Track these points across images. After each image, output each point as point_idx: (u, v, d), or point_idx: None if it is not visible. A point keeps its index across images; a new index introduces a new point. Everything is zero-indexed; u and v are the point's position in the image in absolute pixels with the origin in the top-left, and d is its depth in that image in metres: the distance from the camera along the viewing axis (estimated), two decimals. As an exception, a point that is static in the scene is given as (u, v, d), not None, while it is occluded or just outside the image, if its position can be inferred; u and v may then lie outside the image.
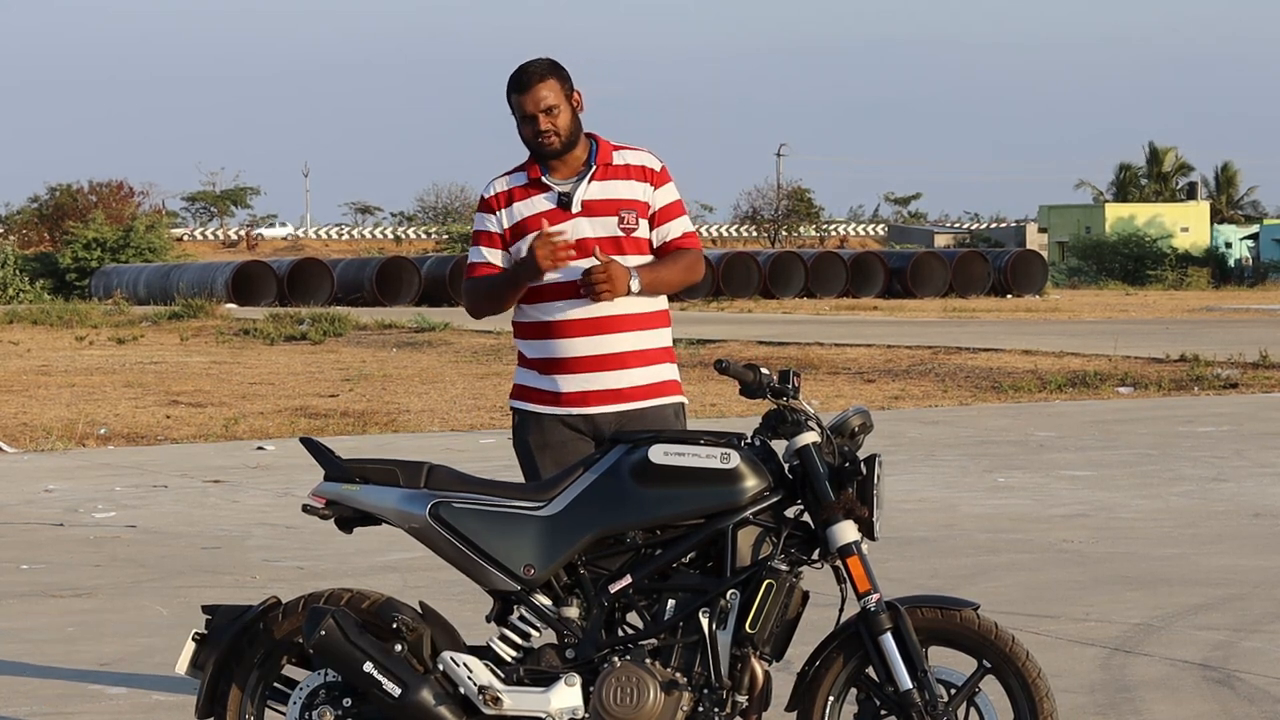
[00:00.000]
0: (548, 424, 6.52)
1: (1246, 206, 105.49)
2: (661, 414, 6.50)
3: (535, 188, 6.51)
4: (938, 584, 10.05)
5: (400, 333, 36.51)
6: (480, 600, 6.30)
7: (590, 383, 6.46)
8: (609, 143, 6.58)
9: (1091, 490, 14.07)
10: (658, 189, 6.55)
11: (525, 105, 6.43)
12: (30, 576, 10.85)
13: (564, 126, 6.44)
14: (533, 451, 6.56)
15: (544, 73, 6.45)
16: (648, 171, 6.54)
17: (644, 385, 6.50)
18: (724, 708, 5.71)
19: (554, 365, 6.48)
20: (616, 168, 6.53)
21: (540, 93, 6.42)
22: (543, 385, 6.52)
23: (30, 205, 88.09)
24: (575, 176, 6.51)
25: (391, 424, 20.00)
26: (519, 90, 6.44)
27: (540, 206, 6.48)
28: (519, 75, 6.46)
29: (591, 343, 6.43)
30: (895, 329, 36.29)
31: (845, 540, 5.73)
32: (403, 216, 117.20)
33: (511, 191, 6.53)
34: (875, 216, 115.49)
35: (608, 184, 6.50)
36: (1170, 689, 7.86)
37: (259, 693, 5.97)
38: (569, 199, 6.47)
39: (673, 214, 6.58)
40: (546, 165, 6.51)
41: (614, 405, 6.46)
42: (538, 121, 6.42)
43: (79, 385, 25.14)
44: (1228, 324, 38.77)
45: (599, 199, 6.48)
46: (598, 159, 6.51)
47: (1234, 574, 10.50)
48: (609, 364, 6.45)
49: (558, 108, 6.43)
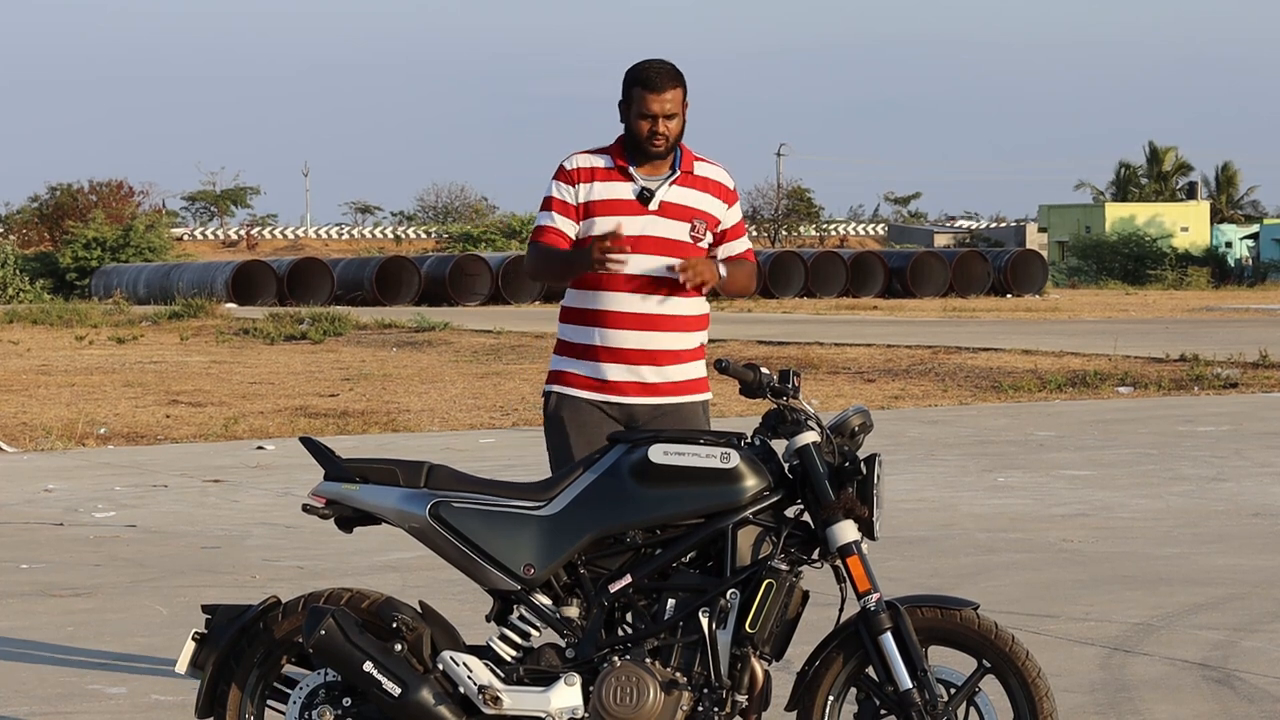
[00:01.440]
0: (584, 407, 6.73)
1: (1246, 206, 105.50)
2: (692, 410, 6.78)
3: (619, 175, 6.71)
4: (938, 584, 10.05)
5: (400, 332, 36.51)
6: (480, 600, 6.30)
7: (633, 374, 6.70)
8: (691, 152, 6.80)
9: (1091, 490, 14.08)
10: (730, 207, 6.84)
11: (651, 104, 6.61)
12: (30, 576, 10.85)
13: (675, 133, 6.68)
14: (567, 431, 6.72)
15: (676, 79, 6.67)
16: (724, 189, 6.81)
17: (680, 381, 6.77)
18: (724, 707, 5.72)
19: (601, 353, 6.71)
20: (696, 178, 6.76)
21: (668, 97, 6.63)
22: (584, 371, 6.73)
23: (30, 205, 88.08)
24: (658, 175, 6.71)
25: (391, 424, 20.00)
26: (649, 88, 6.62)
27: (621, 193, 6.69)
28: (652, 74, 6.64)
29: (640, 337, 6.68)
30: (895, 329, 36.30)
31: (845, 540, 5.73)
32: (403, 216, 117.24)
33: (595, 170, 6.72)
34: (875, 216, 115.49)
35: (687, 191, 6.73)
36: (1170, 689, 7.86)
37: (259, 692, 5.97)
38: (650, 195, 6.68)
39: (740, 232, 6.89)
40: (637, 158, 6.70)
41: (651, 398, 6.71)
42: (657, 123, 6.62)
43: (79, 385, 25.14)
44: (1228, 324, 38.78)
45: (677, 203, 6.70)
46: (682, 165, 6.74)
47: (1234, 574, 10.50)
48: (653, 359, 6.70)
49: (677, 115, 6.66)
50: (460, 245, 77.71)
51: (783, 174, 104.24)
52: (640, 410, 6.70)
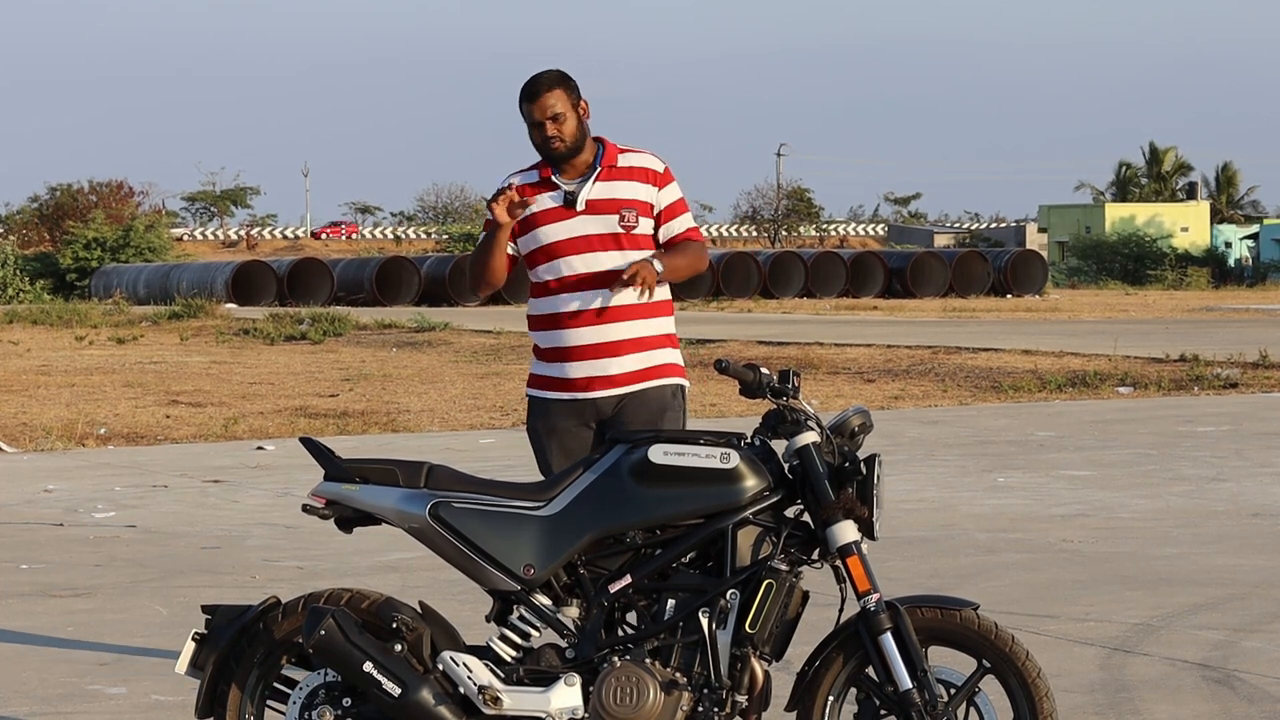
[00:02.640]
0: (554, 409, 6.91)
1: (1246, 206, 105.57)
2: (659, 395, 6.87)
3: (544, 186, 6.92)
4: (938, 584, 10.05)
5: (400, 332, 36.51)
6: (480, 600, 6.30)
7: (594, 369, 6.85)
8: (615, 146, 6.97)
9: (1091, 490, 14.07)
10: (662, 189, 6.96)
11: (534, 113, 6.86)
12: (30, 576, 10.85)
13: (569, 133, 6.85)
14: (541, 436, 6.94)
15: (552, 83, 6.87)
16: (651, 173, 6.95)
17: (642, 369, 6.87)
18: (724, 707, 5.71)
19: (561, 354, 6.89)
20: (620, 169, 6.93)
21: (548, 101, 6.85)
22: (551, 373, 6.93)
23: (30, 205, 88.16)
24: (581, 177, 6.91)
25: (391, 424, 20.00)
26: (528, 99, 6.87)
27: (548, 203, 6.90)
28: (529, 85, 6.88)
29: (595, 332, 6.84)
30: (895, 329, 36.30)
31: (845, 540, 5.73)
32: (403, 216, 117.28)
33: (524, 188, 6.90)
34: (875, 216, 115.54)
35: (611, 184, 6.90)
36: (1170, 689, 7.86)
37: (259, 692, 5.97)
38: (574, 198, 6.88)
39: (677, 211, 6.98)
40: (557, 166, 6.91)
41: (614, 389, 6.84)
42: (545, 128, 6.84)
43: (79, 385, 25.14)
44: (1228, 324, 38.78)
45: (602, 198, 6.88)
46: (603, 161, 6.93)
47: (1234, 574, 10.50)
48: (611, 351, 6.84)
49: (564, 115, 6.84)
50: (460, 245, 77.72)
51: (783, 174, 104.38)
52: (605, 403, 6.85)
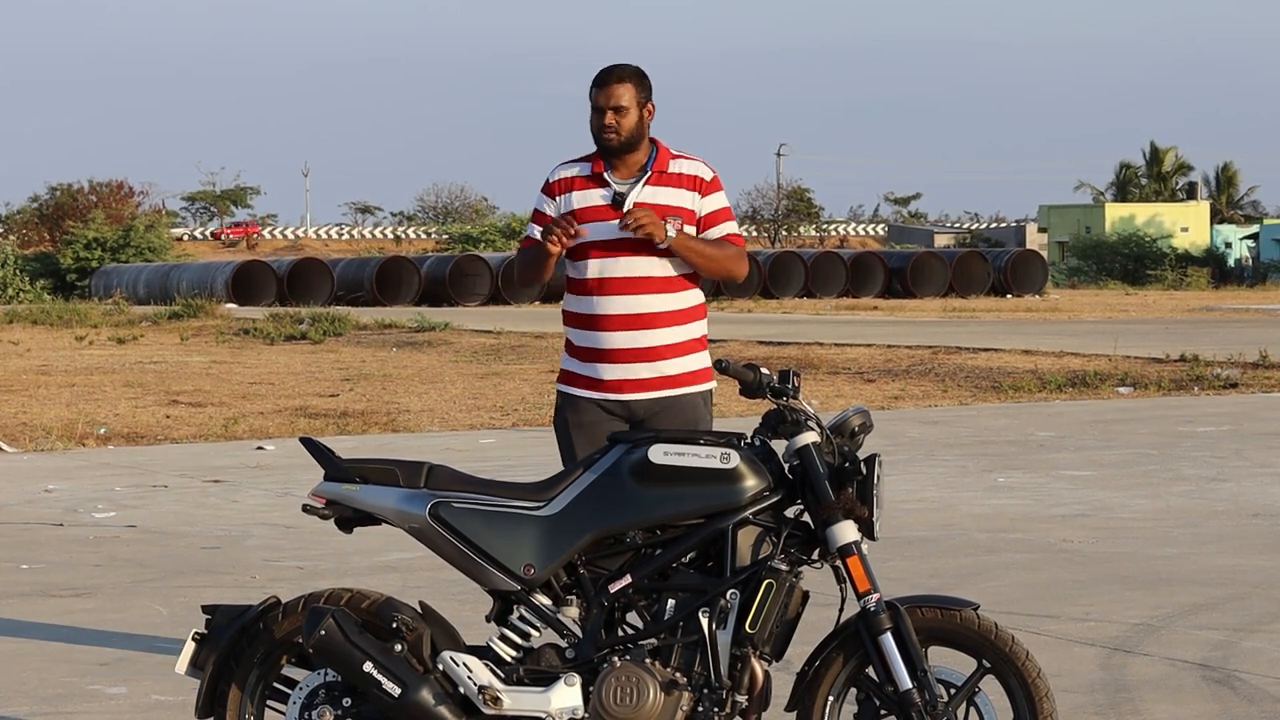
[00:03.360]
0: (584, 406, 6.98)
1: (1246, 206, 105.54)
2: (691, 401, 6.97)
3: (595, 182, 6.97)
4: (938, 584, 10.05)
5: (400, 332, 36.51)
6: (480, 600, 6.30)
7: (628, 372, 6.92)
8: (669, 151, 7.02)
9: (1091, 490, 14.07)
10: (705, 197, 6.99)
11: (599, 99, 6.91)
12: (30, 576, 10.85)
13: (627, 128, 6.90)
14: (570, 430, 7.00)
15: (625, 76, 6.94)
16: (698, 181, 6.99)
17: (676, 375, 6.95)
18: (724, 707, 5.71)
19: (596, 355, 6.95)
20: (670, 175, 6.96)
21: (615, 91, 6.90)
22: (585, 372, 6.99)
23: (30, 205, 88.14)
24: (633, 178, 6.95)
25: (391, 424, 20.00)
26: (598, 84, 6.93)
27: (594, 201, 6.95)
28: (603, 72, 6.95)
29: (631, 336, 6.90)
30: (895, 329, 36.30)
31: (845, 540, 5.73)
32: (403, 216, 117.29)
33: (573, 180, 7.00)
34: (875, 216, 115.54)
35: (660, 190, 6.94)
36: (1170, 689, 7.86)
37: (259, 692, 5.97)
38: (622, 198, 6.92)
39: (719, 219, 7.00)
40: (610, 163, 6.95)
41: (648, 393, 6.92)
42: (605, 116, 6.89)
43: (79, 385, 25.14)
44: (1228, 324, 38.78)
45: (649, 203, 6.90)
46: (655, 165, 6.96)
47: (1234, 574, 10.50)
48: (646, 356, 6.91)
49: (627, 110, 6.90)
50: (460, 245, 77.74)
51: (783, 174, 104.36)
52: (639, 406, 6.92)
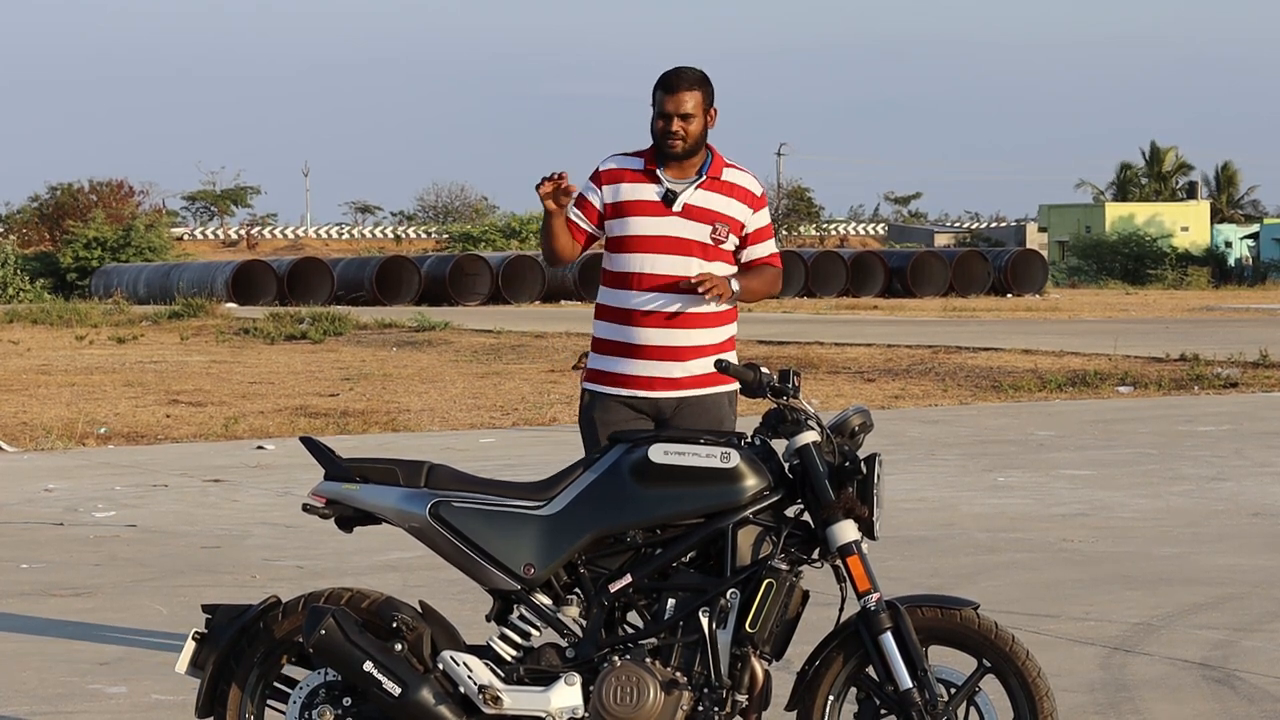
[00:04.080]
0: (612, 405, 7.03)
1: (1246, 206, 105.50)
2: (717, 401, 7.04)
3: (647, 177, 6.99)
4: (938, 584, 10.05)
5: (400, 332, 36.50)
6: (480, 600, 6.30)
7: (660, 370, 6.98)
8: (723, 158, 7.06)
9: (1091, 490, 14.07)
10: (756, 212, 7.07)
11: (667, 104, 6.92)
12: (30, 576, 10.85)
13: (693, 134, 6.93)
14: (596, 429, 7.01)
15: (694, 82, 6.96)
16: (750, 195, 7.06)
17: (705, 375, 6.99)
18: (724, 707, 5.72)
19: (628, 350, 6.99)
20: (723, 183, 7.02)
21: (683, 98, 6.92)
22: (614, 369, 7.03)
23: (31, 204, 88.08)
24: (686, 180, 6.98)
25: (391, 424, 20.00)
26: (666, 90, 6.93)
27: (646, 195, 6.98)
28: (671, 76, 6.95)
29: (664, 334, 6.95)
30: (895, 328, 36.30)
31: (845, 540, 5.73)
32: (403, 216, 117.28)
33: (624, 172, 7.03)
34: (875, 216, 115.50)
35: (712, 195, 6.99)
36: (1170, 688, 7.86)
37: (259, 692, 5.97)
38: (674, 198, 6.96)
39: (764, 236, 7.12)
40: (664, 161, 6.97)
41: (676, 391, 6.97)
42: (672, 122, 6.90)
43: (79, 385, 25.13)
44: (1228, 323, 38.78)
45: (700, 206, 6.96)
46: (709, 170, 7.00)
47: (1234, 574, 10.50)
48: (677, 355, 6.96)
49: (694, 117, 6.93)
50: (460, 245, 77.73)
51: (783, 174, 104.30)
52: (666, 404, 6.98)
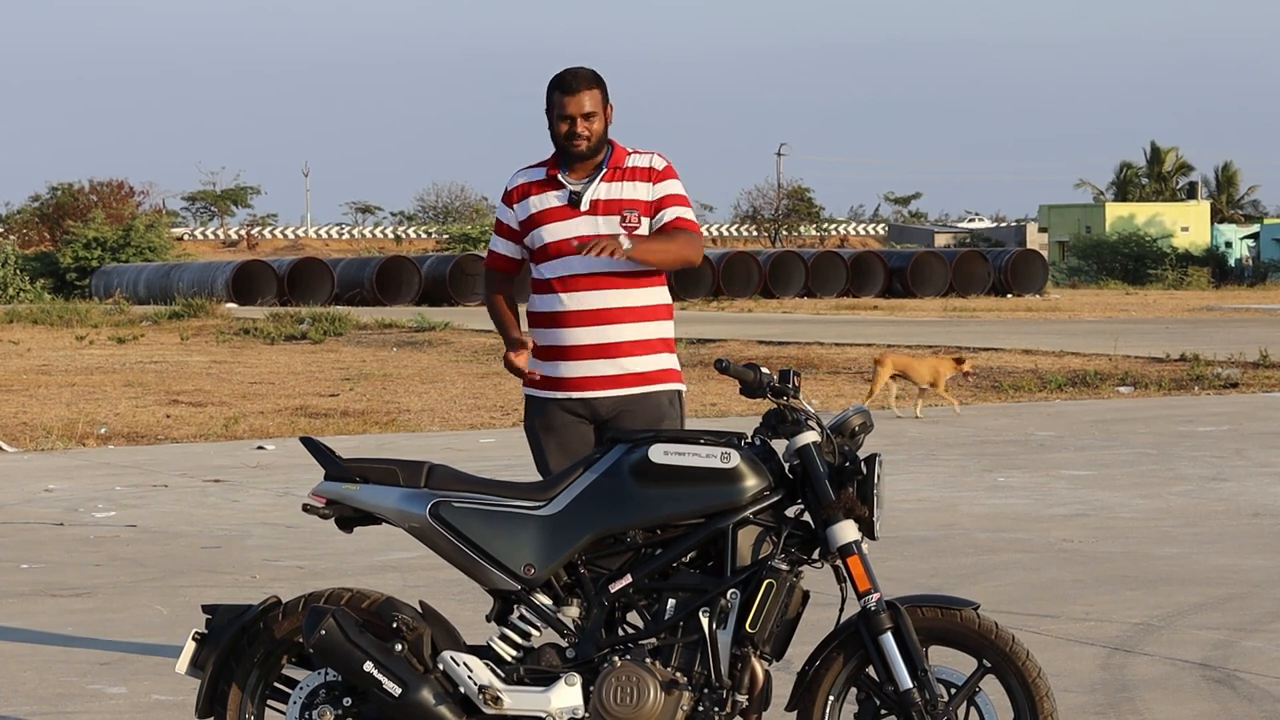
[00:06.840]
0: (550, 408, 6.93)
1: (1247, 206, 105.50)
2: (656, 400, 6.89)
3: (550, 185, 6.95)
4: (938, 584, 10.05)
5: (400, 332, 36.50)
6: (480, 600, 6.30)
7: (591, 369, 6.86)
8: (623, 148, 6.99)
9: (1091, 490, 14.08)
10: (656, 184, 6.94)
11: (568, 107, 6.85)
12: (30, 576, 10.85)
13: (596, 132, 6.89)
14: (538, 434, 6.96)
15: (590, 81, 6.89)
16: (651, 172, 6.95)
17: (640, 373, 6.88)
18: (724, 707, 5.71)
19: (559, 352, 6.90)
20: (624, 170, 6.95)
21: (583, 98, 6.86)
22: (548, 371, 6.93)
23: (31, 204, 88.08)
24: (588, 178, 6.93)
25: (391, 424, 20.00)
26: (565, 91, 6.86)
27: (552, 202, 6.93)
28: (567, 78, 6.88)
29: (594, 332, 6.85)
30: (895, 329, 36.31)
31: (845, 540, 5.73)
32: (403, 216, 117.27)
33: (528, 186, 6.98)
34: (875, 216, 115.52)
35: (615, 185, 6.92)
36: (1170, 689, 7.86)
37: (259, 692, 5.97)
38: (579, 198, 6.91)
39: (668, 203, 6.95)
40: (566, 165, 6.92)
41: (611, 390, 6.86)
42: (575, 124, 6.85)
43: (79, 385, 25.14)
44: (1228, 324, 38.78)
45: (606, 199, 6.90)
46: (610, 163, 6.94)
47: (1234, 574, 10.50)
48: (609, 352, 6.85)
49: (595, 115, 6.88)
50: (460, 245, 77.70)
51: (783, 174, 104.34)
52: (602, 405, 6.87)
